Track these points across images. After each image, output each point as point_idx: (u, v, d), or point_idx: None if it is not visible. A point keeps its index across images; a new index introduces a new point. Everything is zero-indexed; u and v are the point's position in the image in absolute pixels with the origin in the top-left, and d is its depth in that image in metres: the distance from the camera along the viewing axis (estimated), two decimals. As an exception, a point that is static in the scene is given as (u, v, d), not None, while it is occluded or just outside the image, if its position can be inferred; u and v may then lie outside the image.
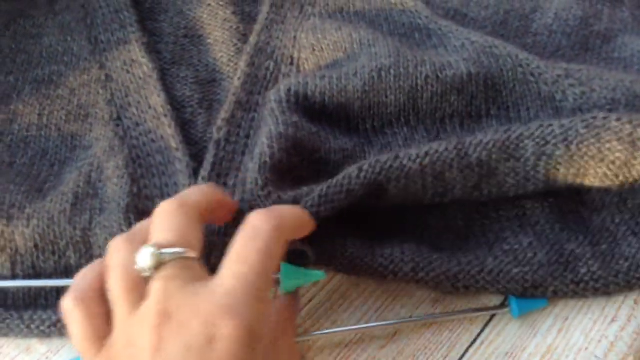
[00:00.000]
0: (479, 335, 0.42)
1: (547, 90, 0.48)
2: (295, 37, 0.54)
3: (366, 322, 0.42)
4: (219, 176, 0.46)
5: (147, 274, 0.31)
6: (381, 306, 0.43)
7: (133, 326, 0.30)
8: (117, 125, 0.49)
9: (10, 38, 0.55)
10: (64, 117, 0.50)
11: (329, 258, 0.42)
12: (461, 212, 0.46)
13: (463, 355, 0.41)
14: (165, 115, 0.49)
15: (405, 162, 0.41)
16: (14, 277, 0.43)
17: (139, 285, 0.31)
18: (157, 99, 0.50)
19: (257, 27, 0.54)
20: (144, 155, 0.48)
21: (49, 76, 0.53)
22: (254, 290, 0.30)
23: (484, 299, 0.43)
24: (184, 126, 0.50)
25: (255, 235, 0.32)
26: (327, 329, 0.42)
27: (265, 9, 0.55)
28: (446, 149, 0.41)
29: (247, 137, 0.49)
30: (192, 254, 0.32)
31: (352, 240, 0.42)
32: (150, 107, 0.50)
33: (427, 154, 0.41)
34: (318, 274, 0.39)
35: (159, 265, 0.31)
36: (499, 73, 0.48)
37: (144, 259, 0.31)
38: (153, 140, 0.49)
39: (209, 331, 0.28)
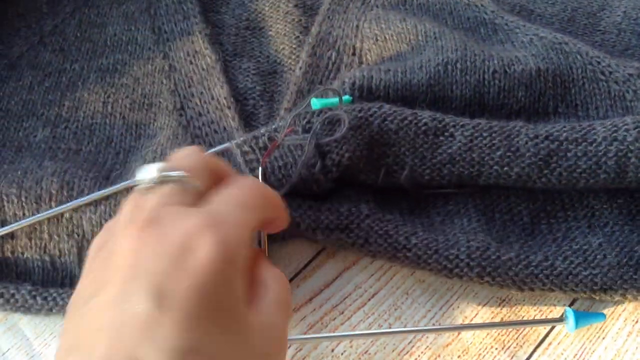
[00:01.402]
0: (546, 336, 0.41)
1: (617, 89, 0.47)
2: (357, 27, 0.53)
3: (431, 320, 0.42)
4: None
5: (148, 186, 0.31)
6: (445, 304, 0.43)
7: (123, 229, 0.30)
8: (181, 115, 0.50)
9: (75, 26, 0.55)
10: (128, 106, 0.51)
11: (393, 253, 0.42)
12: (527, 209, 0.45)
13: (530, 356, 0.40)
14: (229, 107, 0.49)
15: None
16: (80, 262, 0.44)
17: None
18: (220, 90, 0.50)
19: (319, 18, 0.54)
20: (206, 145, 0.48)
21: (113, 65, 0.53)
22: (240, 219, 0.31)
23: (552, 297, 0.42)
24: (246, 118, 0.50)
25: (251, 184, 0.34)
26: (389, 326, 0.42)
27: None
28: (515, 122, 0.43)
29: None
30: (195, 182, 0.32)
31: (416, 236, 0.42)
32: (213, 98, 0.50)
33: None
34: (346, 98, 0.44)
35: (161, 182, 0.31)
36: (568, 70, 0.47)
37: (150, 172, 0.31)
38: (216, 131, 0.49)
39: (188, 243, 0.28)
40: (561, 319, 0.41)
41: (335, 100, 0.44)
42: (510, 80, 0.46)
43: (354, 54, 0.53)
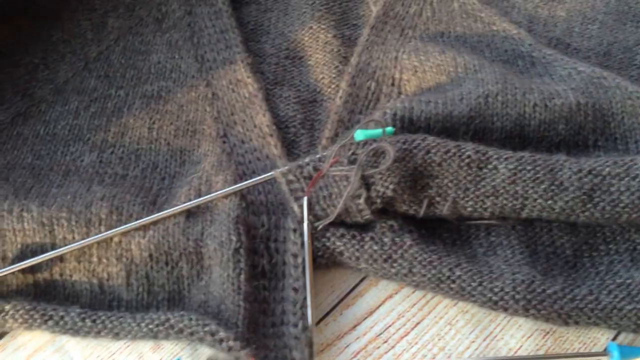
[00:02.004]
0: None
1: (656, 123, 0.48)
2: (396, 58, 0.54)
3: (475, 351, 0.42)
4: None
5: None
6: (489, 335, 0.43)
7: None
8: (224, 142, 0.51)
9: (120, 53, 0.57)
10: (172, 132, 0.52)
11: (437, 284, 0.42)
12: (569, 242, 0.45)
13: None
14: (271, 135, 0.50)
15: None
16: (128, 285, 0.45)
17: None
18: (262, 118, 0.51)
19: (358, 48, 0.55)
20: (249, 172, 0.49)
21: (157, 92, 0.54)
22: None
23: (595, 330, 0.43)
24: (288, 146, 0.51)
25: None
26: (433, 356, 0.42)
27: (366, 30, 0.56)
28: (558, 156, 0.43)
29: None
30: None
31: (460, 268, 0.42)
32: (255, 126, 0.51)
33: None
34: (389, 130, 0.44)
35: None
36: (607, 104, 0.48)
37: None
38: (258, 159, 0.50)
39: None
40: (605, 353, 0.42)
41: (379, 131, 0.45)
42: (550, 113, 0.47)
43: (392, 84, 0.54)
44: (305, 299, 0.42)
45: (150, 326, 0.42)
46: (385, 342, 0.43)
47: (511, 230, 0.45)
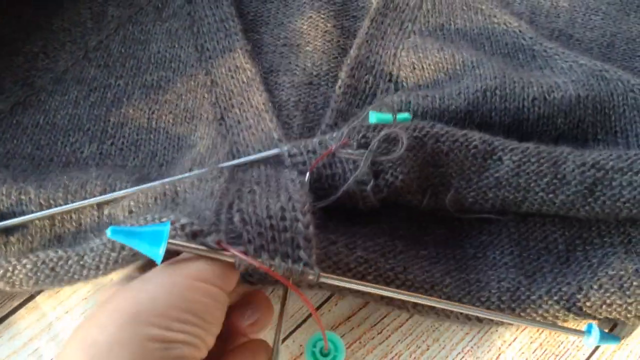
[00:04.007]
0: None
1: (657, 116, 0.47)
2: (395, 55, 0.54)
3: (469, 343, 0.43)
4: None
5: None
6: (483, 327, 0.43)
7: None
8: (220, 125, 0.51)
9: (119, 43, 0.57)
10: (171, 121, 0.52)
11: (430, 285, 0.42)
12: (562, 237, 0.45)
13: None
14: (267, 112, 0.50)
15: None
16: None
17: None
18: (258, 99, 0.51)
19: (358, 41, 0.55)
20: (243, 148, 0.49)
21: (157, 82, 0.54)
22: None
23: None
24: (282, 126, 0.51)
25: None
26: (427, 347, 0.43)
27: (366, 23, 0.56)
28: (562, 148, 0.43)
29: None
30: None
31: (450, 275, 0.43)
32: (252, 107, 0.51)
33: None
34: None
35: None
36: (608, 97, 0.48)
37: None
38: (254, 134, 0.49)
39: None
40: (583, 333, 0.41)
41: (391, 116, 0.44)
42: (550, 107, 0.47)
43: (390, 80, 0.53)
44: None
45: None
46: (380, 333, 0.44)
47: (503, 228, 0.45)
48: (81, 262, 0.39)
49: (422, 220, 0.46)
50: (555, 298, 0.41)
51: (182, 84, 0.54)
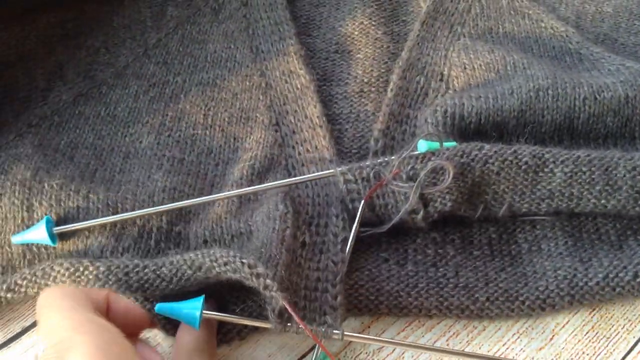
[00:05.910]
0: (635, 344, 0.43)
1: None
2: (445, 55, 0.56)
3: (524, 324, 0.44)
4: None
5: None
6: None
7: None
8: (276, 131, 0.52)
9: (178, 41, 0.59)
10: (226, 119, 0.54)
11: (485, 282, 0.44)
12: (614, 229, 0.46)
13: (621, 365, 0.42)
14: (321, 127, 0.52)
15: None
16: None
17: None
18: (313, 110, 0.53)
19: (409, 43, 0.57)
20: (298, 165, 0.50)
21: (213, 80, 0.56)
22: None
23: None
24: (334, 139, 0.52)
25: None
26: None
27: (417, 26, 0.58)
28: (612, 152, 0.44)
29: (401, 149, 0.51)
30: None
31: (505, 271, 0.44)
32: (306, 117, 0.53)
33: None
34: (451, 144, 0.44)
35: None
36: (655, 97, 0.49)
37: None
38: (308, 150, 0.51)
39: None
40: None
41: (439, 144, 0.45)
42: (600, 106, 0.48)
43: (441, 80, 0.55)
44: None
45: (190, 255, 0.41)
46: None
47: (556, 222, 0.46)
48: (157, 272, 0.40)
49: (473, 221, 0.47)
50: (612, 284, 0.42)
51: (237, 84, 0.56)
